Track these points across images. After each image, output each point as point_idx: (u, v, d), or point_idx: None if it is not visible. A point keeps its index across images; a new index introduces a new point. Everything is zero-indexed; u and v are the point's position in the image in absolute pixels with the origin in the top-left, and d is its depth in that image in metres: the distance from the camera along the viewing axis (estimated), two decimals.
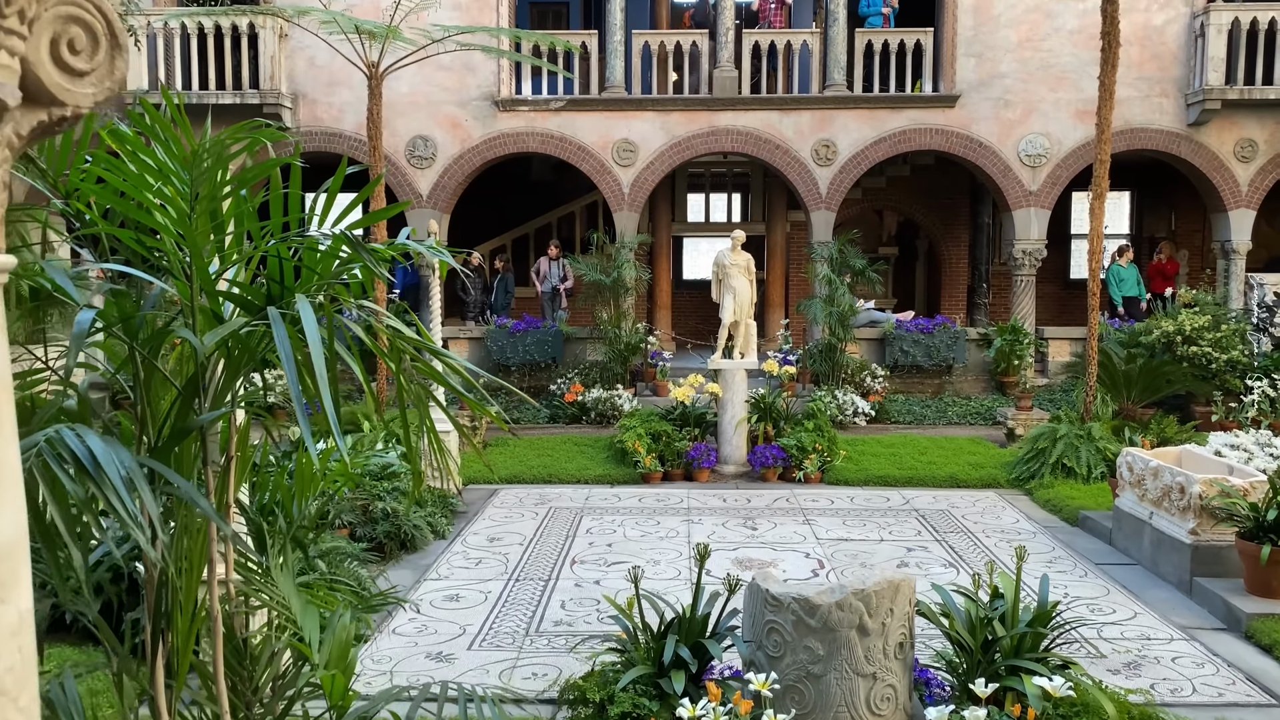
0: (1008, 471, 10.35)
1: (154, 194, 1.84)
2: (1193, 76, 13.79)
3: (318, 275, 2.08)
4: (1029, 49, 14.10)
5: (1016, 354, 13.80)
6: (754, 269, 10.77)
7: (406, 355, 2.15)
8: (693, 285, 19.03)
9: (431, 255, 2.21)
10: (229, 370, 2.05)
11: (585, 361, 14.09)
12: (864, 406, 12.81)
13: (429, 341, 2.21)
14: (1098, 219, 10.32)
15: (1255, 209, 14.04)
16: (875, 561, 7.58)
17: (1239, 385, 12.15)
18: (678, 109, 14.38)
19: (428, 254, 2.14)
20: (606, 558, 7.66)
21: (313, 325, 1.75)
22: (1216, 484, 6.77)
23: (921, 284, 19.15)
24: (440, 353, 2.09)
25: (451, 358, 2.12)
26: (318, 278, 2.07)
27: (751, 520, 8.78)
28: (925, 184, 17.70)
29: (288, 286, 2.03)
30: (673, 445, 10.36)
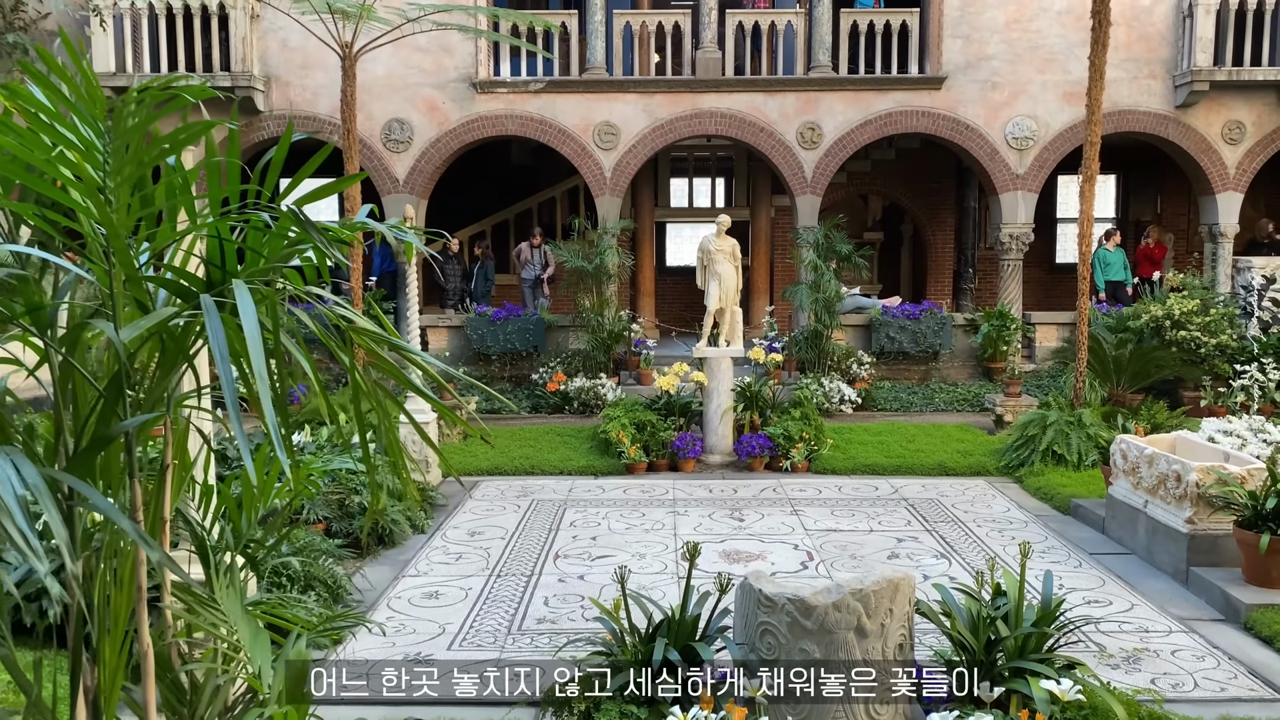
0: (997, 459, 10.20)
1: (68, 166, 1.60)
2: (1181, 58, 13.63)
3: (264, 258, 1.85)
4: (1016, 30, 13.90)
5: (1004, 339, 13.66)
6: (740, 255, 10.55)
7: (361, 349, 1.91)
8: (676, 272, 18.78)
9: (395, 238, 1.97)
10: (162, 367, 1.81)
11: (568, 350, 13.85)
12: (850, 394, 12.64)
13: (391, 333, 1.97)
14: (1088, 202, 10.15)
15: (1243, 192, 13.93)
16: (865, 553, 7.41)
17: (1228, 370, 12.05)
18: (660, 91, 14.12)
19: (390, 236, 1.90)
20: (591, 551, 7.45)
21: (250, 315, 1.52)
22: (1214, 472, 6.62)
23: (907, 269, 18.98)
24: (402, 346, 1.86)
25: (411, 351, 1.88)
26: (264, 261, 1.84)
27: (738, 511, 8.59)
28: (911, 168, 17.51)
29: (230, 271, 1.79)
30: (657, 435, 10.14)
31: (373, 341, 1.96)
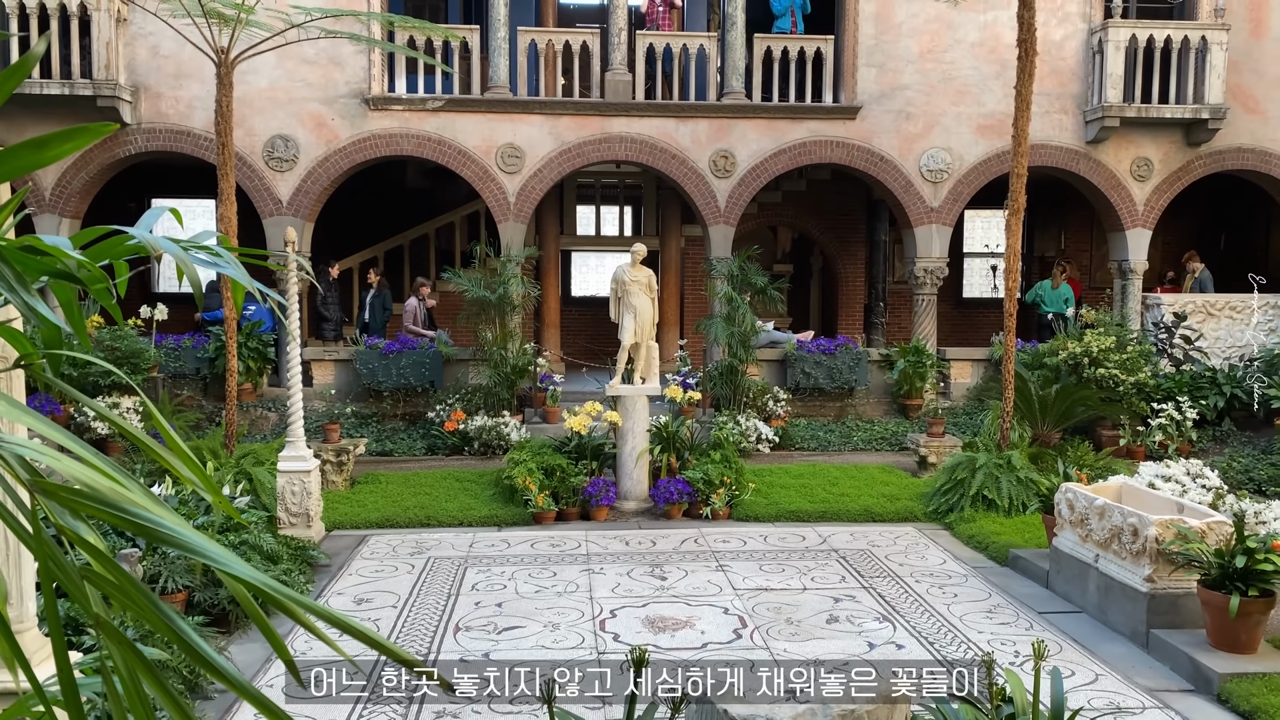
0: (924, 503, 9.71)
1: None
2: (1091, 93, 13.61)
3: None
4: (930, 61, 13.69)
5: (920, 376, 13.30)
6: (655, 286, 9.85)
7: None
8: (583, 302, 18.05)
9: (200, 264, 1.17)
10: None
11: (467, 386, 12.90)
12: (767, 432, 12.04)
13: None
14: (1014, 235, 9.81)
15: (1151, 228, 13.95)
16: (802, 616, 6.72)
17: (1145, 409, 11.89)
18: (567, 113, 13.39)
19: (180, 257, 1.10)
20: (497, 622, 6.56)
21: None
22: (1173, 526, 6.16)
23: (817, 303, 18.66)
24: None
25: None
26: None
27: (660, 567, 7.81)
28: (821, 199, 17.19)
29: None
30: (568, 481, 9.31)
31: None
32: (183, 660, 5.26)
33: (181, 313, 15.54)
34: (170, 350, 12.55)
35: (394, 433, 12.43)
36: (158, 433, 1.26)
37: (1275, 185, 14.24)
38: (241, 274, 1.23)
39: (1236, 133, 13.77)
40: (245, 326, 12.33)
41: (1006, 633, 6.47)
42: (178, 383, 12.63)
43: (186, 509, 7.27)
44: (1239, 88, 13.70)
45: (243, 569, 0.99)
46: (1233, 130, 13.72)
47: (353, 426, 12.19)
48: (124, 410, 11.02)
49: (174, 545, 1.00)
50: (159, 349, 12.32)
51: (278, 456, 8.52)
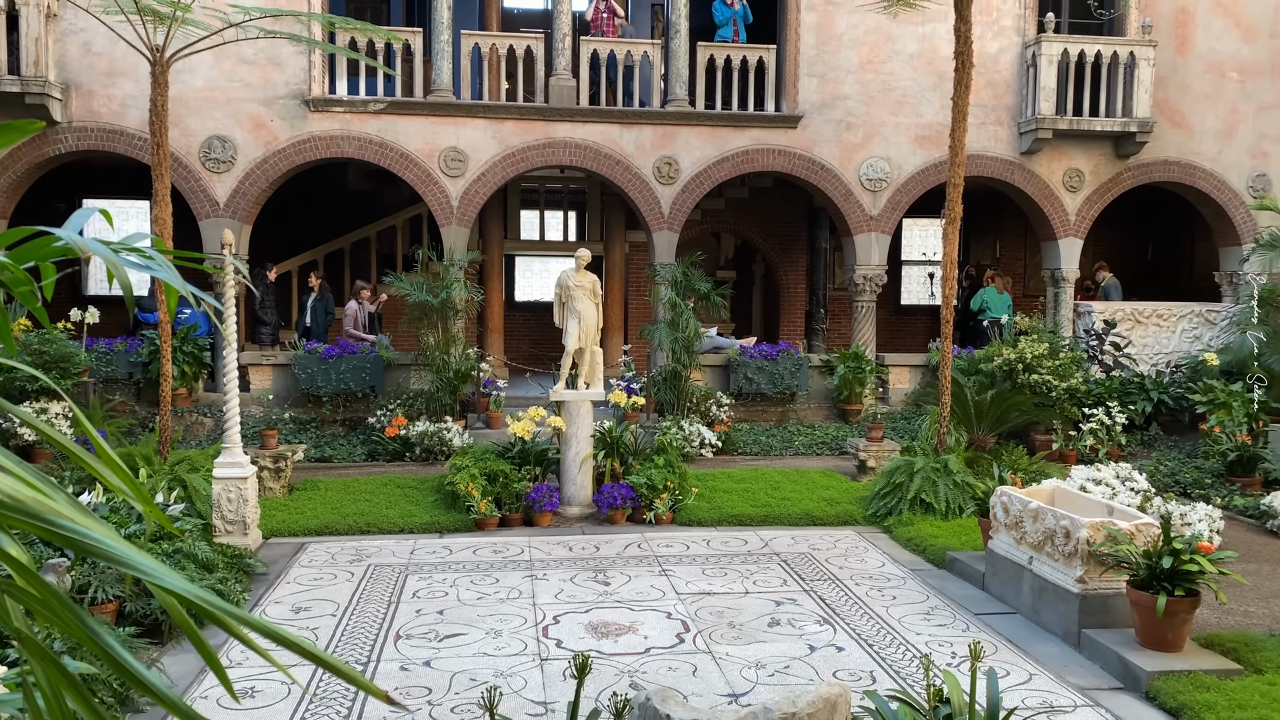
0: (864, 507, 9.83)
1: None
2: (1025, 106, 13.94)
3: None
4: (870, 71, 13.90)
5: (859, 381, 13.49)
6: (600, 291, 9.85)
7: None
8: (527, 307, 17.99)
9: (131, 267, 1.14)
10: None
11: (409, 391, 12.78)
12: (710, 437, 12.11)
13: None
14: (950, 244, 10.00)
15: (1082, 238, 14.33)
16: (744, 620, 6.77)
17: (1077, 414, 12.19)
18: (511, 117, 13.35)
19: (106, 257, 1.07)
20: (438, 630, 6.50)
21: None
22: (1104, 528, 6.32)
23: (759, 309, 18.82)
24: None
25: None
26: None
27: (603, 573, 7.81)
28: (764, 207, 17.35)
29: None
30: (511, 487, 9.26)
31: None
32: (112, 673, 5.13)
33: (115, 316, 15.16)
34: (102, 354, 12.23)
35: (333, 439, 12.25)
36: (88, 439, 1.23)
37: (1199, 197, 14.72)
38: (174, 277, 1.21)
39: (1163, 146, 14.22)
40: (180, 330, 12.07)
41: (944, 634, 6.58)
42: (110, 387, 12.31)
43: (118, 517, 7.09)
44: (1165, 103, 14.15)
45: (172, 580, 0.98)
46: (1159, 144, 14.16)
47: (291, 432, 11.99)
48: (52, 416, 10.71)
49: (101, 556, 0.98)
50: (90, 353, 11.99)
51: (214, 463, 8.34)
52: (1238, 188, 14.48)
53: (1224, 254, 14.96)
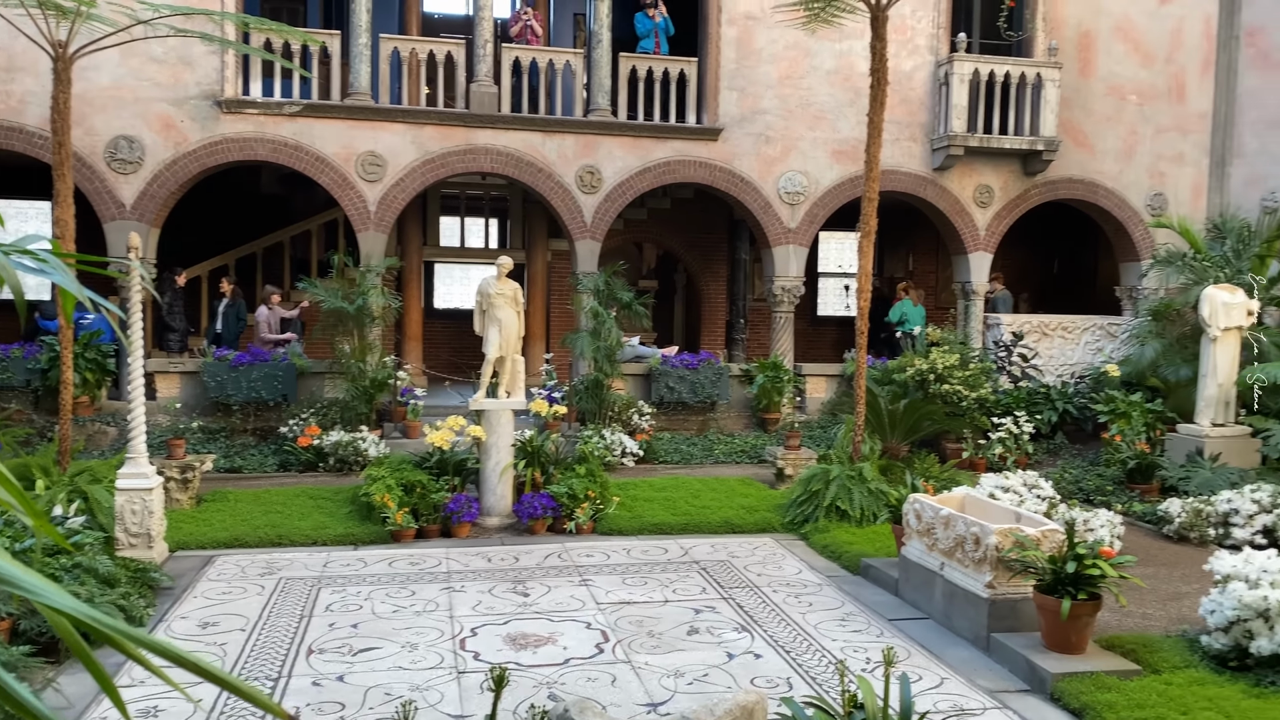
0: (782, 515, 9.94)
1: None
2: (938, 123, 14.33)
3: None
4: (789, 86, 14.13)
5: (777, 390, 13.67)
6: (522, 299, 9.80)
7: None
8: (446, 315, 17.78)
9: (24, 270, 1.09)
10: None
11: (323, 400, 12.51)
12: (632, 446, 12.13)
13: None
14: (866, 257, 10.20)
15: (992, 252, 14.77)
16: (663, 629, 6.78)
17: (986, 423, 12.54)
18: (432, 123, 13.20)
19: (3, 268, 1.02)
20: (352, 643, 6.36)
21: None
22: (1012, 534, 6.51)
23: (681, 319, 18.93)
24: None
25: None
26: None
27: (522, 584, 7.74)
28: (685, 217, 17.48)
29: None
30: (429, 498, 9.12)
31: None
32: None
33: (12, 321, 14.54)
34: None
35: (244, 448, 11.93)
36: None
37: (1101, 214, 15.31)
38: (69, 281, 1.16)
39: (1068, 164, 14.76)
40: (82, 336, 11.62)
41: (859, 640, 6.69)
42: (5, 395, 11.78)
43: (13, 531, 6.78)
44: (1070, 123, 14.69)
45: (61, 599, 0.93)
46: (1065, 162, 14.70)
47: (200, 442, 11.64)
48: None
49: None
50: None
51: (117, 474, 8.04)
52: (1137, 206, 15.11)
53: (1124, 269, 15.58)
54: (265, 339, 13.27)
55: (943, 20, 14.37)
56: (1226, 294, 11.29)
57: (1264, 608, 5.75)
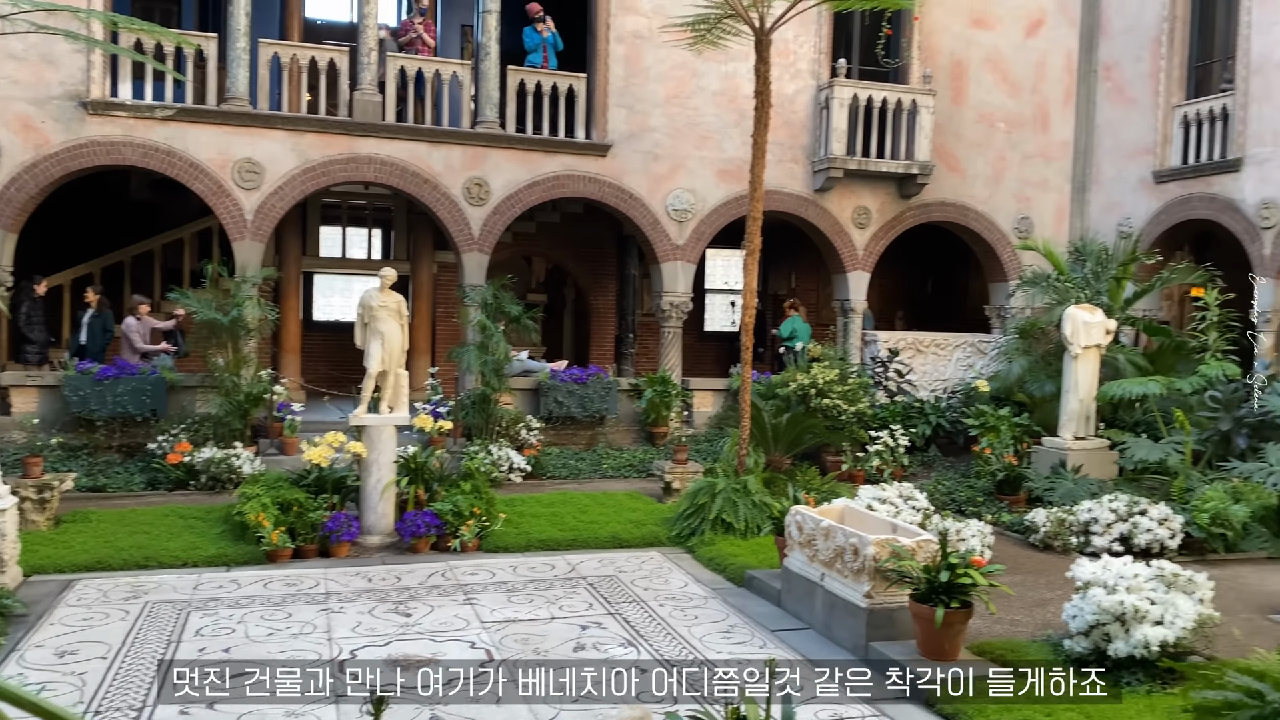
0: (668, 528, 10.01)
1: None
2: (819, 145, 14.74)
3: None
4: (676, 106, 14.32)
5: (665, 405, 13.79)
6: (406, 312, 9.63)
7: None
8: (327, 327, 17.33)
9: None
10: None
11: (195, 415, 12.01)
12: (520, 461, 12.04)
13: None
14: (750, 274, 10.40)
15: (870, 271, 15.25)
16: (549, 646, 6.74)
17: (864, 436, 12.91)
18: (313, 130, 12.88)
19: None
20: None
21: None
22: (888, 545, 6.70)
23: (570, 333, 18.92)
24: None
25: None
26: None
27: (404, 604, 7.58)
28: (575, 232, 17.50)
29: None
30: (306, 516, 8.84)
31: None
32: None
33: None
34: None
35: (108, 466, 11.34)
36: None
37: (972, 237, 16.00)
38: None
39: (941, 188, 15.38)
40: None
41: (742, 652, 6.77)
42: None
43: None
44: (943, 148, 15.32)
45: None
46: (938, 186, 15.31)
47: (60, 460, 11.01)
48: None
49: None
50: None
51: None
52: (1005, 229, 15.85)
53: (993, 289, 16.31)
54: (138, 349, 12.67)
55: (824, 45, 14.81)
56: (1086, 314, 11.93)
57: (1120, 612, 6.08)
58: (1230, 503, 9.45)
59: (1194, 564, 8.20)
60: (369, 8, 13.26)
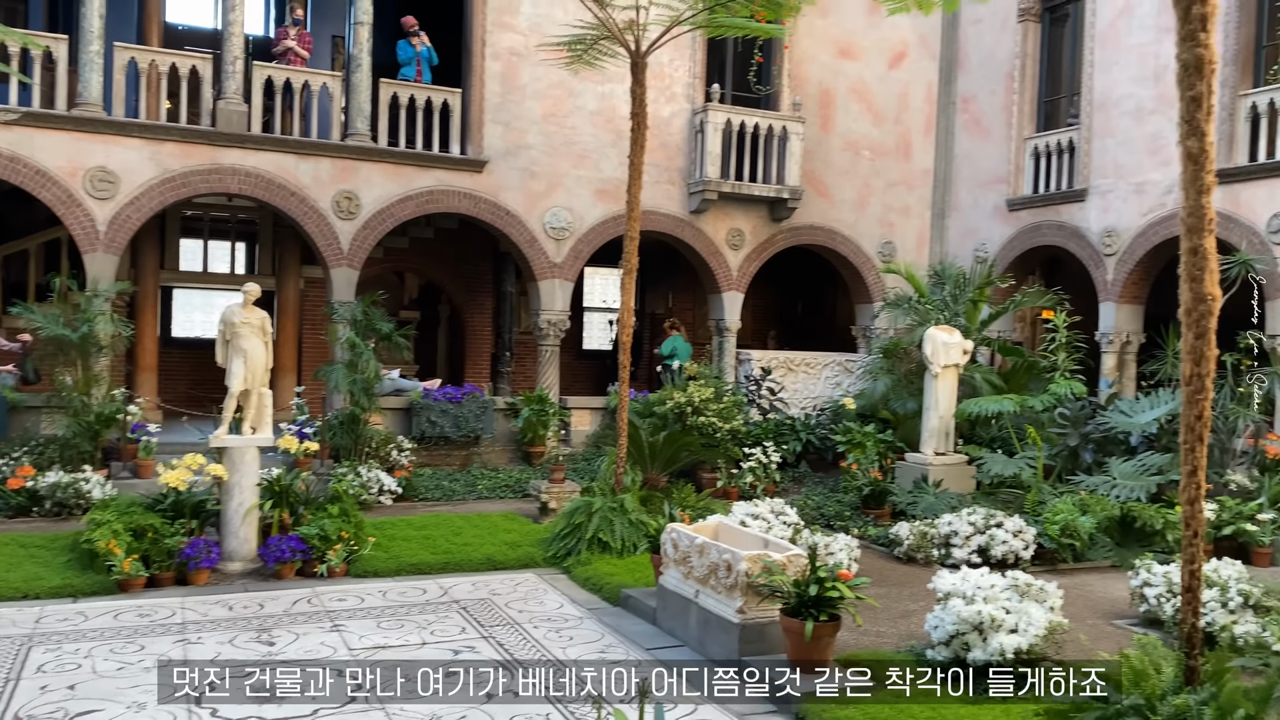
0: (544, 549, 9.93)
1: None
2: (694, 168, 15.00)
3: None
4: (553, 124, 14.34)
5: (543, 424, 13.72)
6: (270, 329, 9.30)
7: None
8: (186, 344, 16.59)
9: None
10: None
11: (39, 437, 11.29)
12: (390, 483, 11.75)
13: None
14: (628, 293, 10.45)
15: (743, 292, 15.56)
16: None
17: (738, 453, 13.13)
18: (173, 139, 12.34)
19: None
20: (68, 707, 5.73)
21: None
22: (760, 560, 6.82)
23: (444, 351, 18.63)
24: None
25: None
26: None
27: (267, 632, 7.28)
28: (450, 248, 17.27)
29: None
30: (162, 543, 8.40)
31: None
32: None
33: None
34: None
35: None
36: None
37: (839, 260, 16.53)
38: None
39: (810, 213, 15.85)
40: None
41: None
42: None
43: None
44: (812, 174, 15.80)
45: None
46: (807, 210, 15.77)
47: None
48: None
49: None
50: None
51: None
52: (870, 253, 16.43)
53: (859, 310, 16.88)
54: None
55: (699, 70, 15.09)
56: (946, 334, 12.46)
57: (978, 621, 6.34)
58: (1078, 514, 9.99)
59: (1045, 573, 8.64)
60: (234, 14, 12.83)
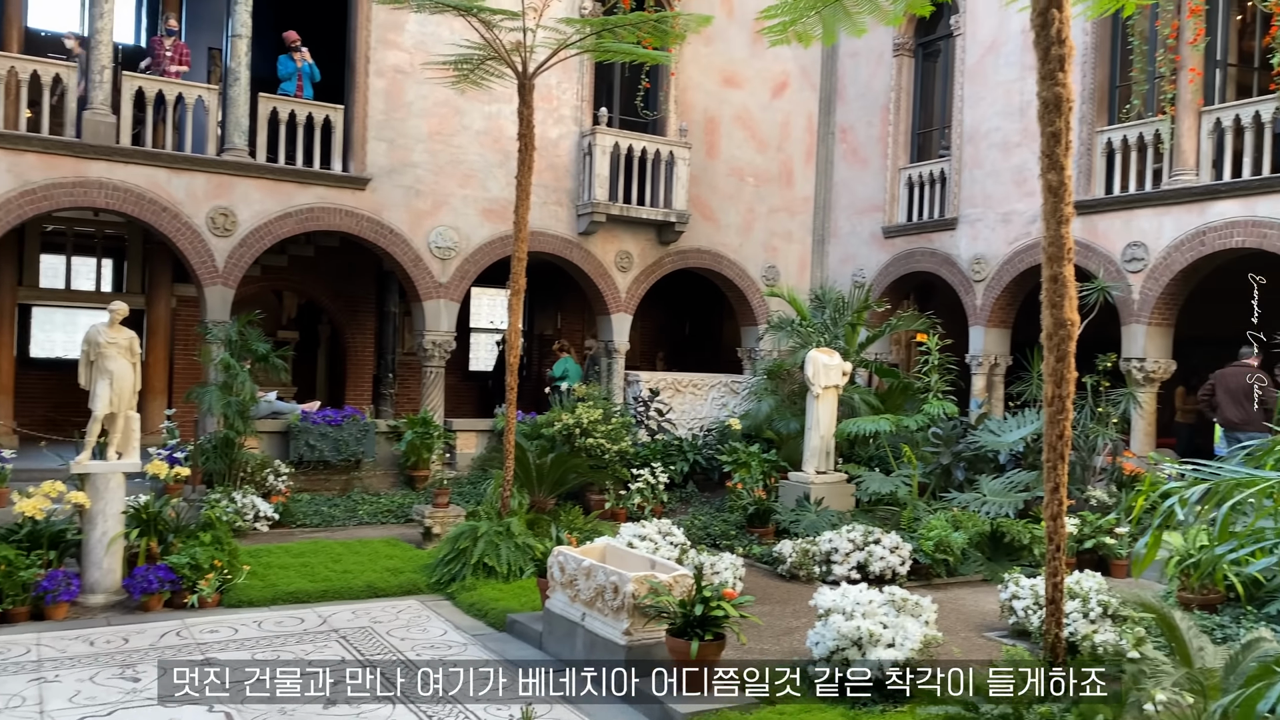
0: (428, 575, 9.74)
1: None
2: (583, 190, 15.05)
3: None
4: (439, 142, 14.19)
5: (427, 447, 13.48)
6: (139, 349, 8.89)
7: None
8: (46, 365, 15.71)
9: None
10: None
11: None
12: (266, 509, 11.35)
13: None
14: (515, 314, 10.40)
15: (632, 313, 15.66)
16: (296, 706, 6.34)
17: (626, 474, 13.17)
18: (35, 150, 11.72)
19: None
20: None
21: None
22: (647, 581, 6.85)
23: (324, 372, 18.13)
24: None
25: None
26: None
27: (132, 667, 6.93)
28: (331, 267, 16.87)
29: None
30: (16, 575, 7.90)
31: None
32: None
33: None
34: None
35: None
36: None
37: (725, 283, 16.82)
38: None
39: (697, 236, 16.09)
40: None
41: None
42: None
43: None
44: (699, 198, 16.06)
45: None
46: (694, 234, 16.01)
47: None
48: None
49: None
50: None
51: None
52: (755, 276, 16.78)
53: (745, 332, 17.20)
54: None
55: (586, 94, 15.19)
56: (826, 356, 12.80)
57: (857, 636, 6.51)
58: (951, 530, 10.36)
59: (921, 588, 8.93)
60: (102, 22, 12.30)
